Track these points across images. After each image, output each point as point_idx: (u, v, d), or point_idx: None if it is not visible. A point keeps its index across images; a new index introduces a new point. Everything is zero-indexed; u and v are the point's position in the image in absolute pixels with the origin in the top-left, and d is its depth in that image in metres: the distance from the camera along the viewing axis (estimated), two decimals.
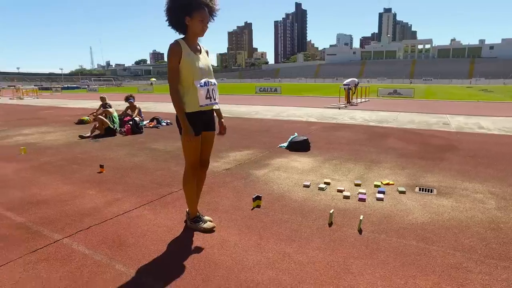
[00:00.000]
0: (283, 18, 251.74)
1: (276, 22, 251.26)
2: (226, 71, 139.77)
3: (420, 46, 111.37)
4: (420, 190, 3.62)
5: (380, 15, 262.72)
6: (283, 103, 16.15)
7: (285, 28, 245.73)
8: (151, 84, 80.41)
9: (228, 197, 3.42)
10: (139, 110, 9.08)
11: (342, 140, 6.47)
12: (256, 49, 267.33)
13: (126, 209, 3.12)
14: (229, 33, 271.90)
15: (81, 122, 9.47)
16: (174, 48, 2.33)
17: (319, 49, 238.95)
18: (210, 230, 2.62)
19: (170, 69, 2.36)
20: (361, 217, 2.69)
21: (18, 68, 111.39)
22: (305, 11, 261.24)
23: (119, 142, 6.59)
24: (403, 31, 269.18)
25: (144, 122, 8.86)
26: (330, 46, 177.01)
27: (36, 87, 31.61)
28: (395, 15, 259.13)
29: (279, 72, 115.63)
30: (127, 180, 4.04)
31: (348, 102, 15.52)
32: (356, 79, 15.96)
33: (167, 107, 14.52)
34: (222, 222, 2.81)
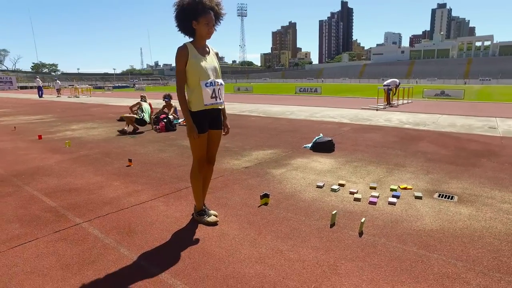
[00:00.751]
0: (328, 17, 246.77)
1: (320, 22, 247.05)
2: (269, 71, 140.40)
3: (478, 43, 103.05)
4: (439, 196, 3.45)
5: (433, 11, 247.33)
6: (320, 104, 15.94)
7: (330, 27, 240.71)
8: None
9: (239, 194, 3.53)
10: (175, 108, 9.51)
11: (369, 142, 6.29)
12: (300, 49, 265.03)
13: (142, 200, 3.36)
14: (273, 33, 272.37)
15: (121, 119, 10.11)
16: (181, 51, 2.47)
17: (365, 48, 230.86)
18: (213, 224, 2.74)
19: (177, 72, 2.51)
20: (363, 220, 2.65)
21: (78, 69, 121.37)
22: (351, 9, 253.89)
23: (152, 138, 7.00)
24: (459, 27, 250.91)
25: (180, 120, 9.26)
26: (377, 45, 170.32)
27: (91, 86, 34.23)
28: (450, 10, 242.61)
29: (322, 72, 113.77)
30: (150, 173, 4.31)
31: (388, 103, 14.92)
32: (397, 80, 15.29)
33: None
34: (226, 217, 2.92)
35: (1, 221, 2.90)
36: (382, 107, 13.89)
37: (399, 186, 3.71)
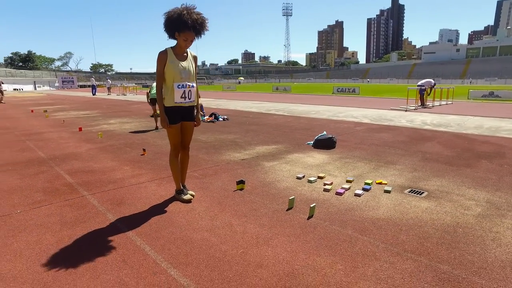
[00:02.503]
0: (377, 15, 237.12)
1: (369, 20, 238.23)
2: (313, 71, 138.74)
3: None
4: (410, 191, 3.62)
5: (499, 3, 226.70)
6: (351, 104, 15.83)
7: (379, 25, 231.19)
8: (239, 82, 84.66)
9: (223, 180, 4.00)
10: (201, 106, 10.20)
11: (375, 141, 6.41)
12: (347, 48, 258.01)
13: (140, 181, 3.96)
14: (319, 32, 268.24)
15: (157, 115, 11.06)
16: (161, 55, 2.98)
17: (417, 47, 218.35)
18: (187, 201, 3.24)
19: (156, 73, 3.03)
20: (312, 205, 2.98)
21: (130, 69, 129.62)
22: (402, 6, 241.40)
23: None
24: None
25: (205, 117, 9.94)
26: (430, 43, 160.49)
27: (139, 85, 36.74)
28: None
29: (368, 72, 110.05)
30: (157, 161, 4.93)
31: (422, 104, 14.43)
32: (432, 80, 14.73)
33: (235, 104, 15.65)
34: (202, 197, 3.40)
35: (30, 191, 3.65)
36: (413, 108, 13.51)
37: (375, 181, 3.92)
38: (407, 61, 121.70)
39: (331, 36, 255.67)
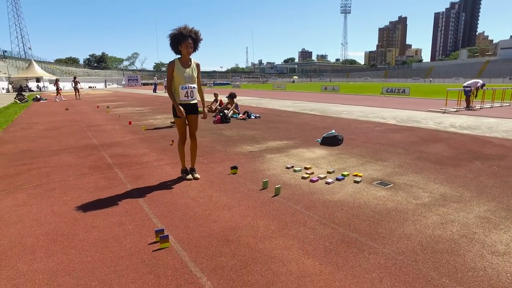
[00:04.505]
0: (446, 9, 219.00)
1: (436, 14, 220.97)
2: (370, 70, 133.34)
3: None
4: (378, 183, 4.15)
5: None
6: (391, 105, 15.68)
7: (448, 20, 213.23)
8: (293, 81, 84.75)
9: (224, 166, 4.87)
10: (236, 104, 11.22)
11: (383, 141, 6.78)
12: (410, 46, 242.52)
13: (160, 164, 5.02)
14: (380, 30, 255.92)
15: None
16: (170, 65, 3.97)
17: (494, 42, 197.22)
18: (188, 180, 4.18)
19: (167, 77, 4.01)
20: (278, 186, 3.71)
21: None
22: None
23: (205, 127, 8.78)
24: None
25: (239, 115, 10.91)
26: (511, 37, 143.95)
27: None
28: None
29: (431, 71, 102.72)
30: None
31: (467, 106, 13.82)
32: (479, 81, 13.96)
33: (275, 103, 16.43)
34: (201, 179, 4.32)
35: (81, 167, 4.90)
36: (454, 110, 13.07)
37: (352, 173, 4.49)
38: (478, 59, 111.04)
39: (393, 33, 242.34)
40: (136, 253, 2.46)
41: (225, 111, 10.26)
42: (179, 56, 3.99)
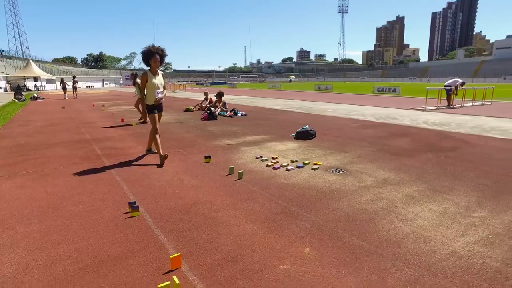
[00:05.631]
0: (443, 9, 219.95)
1: (434, 14, 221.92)
2: (368, 70, 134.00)
3: None
4: (333, 170, 4.72)
5: None
6: (376, 104, 16.27)
7: (445, 19, 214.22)
8: (290, 81, 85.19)
9: (200, 157, 5.44)
10: (224, 103, 11.79)
11: (354, 135, 7.36)
12: (407, 45, 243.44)
13: (140, 152, 5.58)
14: (378, 29, 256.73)
15: (187, 110, 12.92)
16: (143, 76, 4.80)
17: (491, 41, 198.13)
18: (161, 162, 4.80)
19: (141, 85, 4.82)
20: (240, 171, 4.29)
21: (188, 67, 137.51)
22: None
23: (192, 124, 9.35)
24: None
25: (226, 113, 11.48)
26: (507, 37, 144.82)
27: (185, 83, 40.00)
28: None
29: (428, 71, 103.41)
30: (164, 143, 6.54)
31: (448, 104, 14.42)
32: (459, 79, 14.58)
33: (266, 102, 16.97)
34: (178, 165, 4.89)
35: (73, 157, 5.47)
36: (435, 108, 13.67)
37: (312, 162, 5.07)
38: (473, 58, 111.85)
39: (391, 32, 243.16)
40: (111, 220, 3.03)
41: (212, 109, 10.83)
42: (149, 68, 4.90)
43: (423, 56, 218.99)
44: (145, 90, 5.01)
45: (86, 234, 2.77)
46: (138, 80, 10.80)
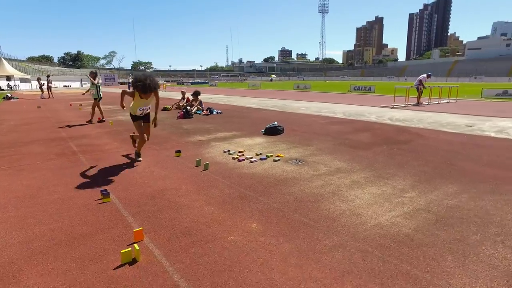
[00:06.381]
0: (420, 10, 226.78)
1: (411, 15, 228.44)
2: (348, 69, 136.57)
3: None
4: (294, 162, 5.18)
5: None
6: (349, 102, 16.96)
7: (422, 20, 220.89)
8: (271, 80, 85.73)
9: (172, 151, 5.79)
10: (200, 101, 12.12)
11: (320, 131, 7.87)
12: (386, 45, 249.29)
13: (119, 151, 5.88)
14: (357, 29, 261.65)
15: (164, 109, 13.15)
16: (133, 92, 4.95)
17: (465, 42, 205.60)
18: (138, 156, 5.11)
19: (127, 92, 4.99)
20: (206, 163, 4.69)
21: (170, 66, 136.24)
22: None
23: (168, 122, 9.65)
24: None
25: (203, 111, 11.81)
26: (479, 38, 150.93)
27: (165, 82, 39.93)
28: None
29: (406, 70, 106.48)
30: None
31: (417, 102, 15.23)
32: (424, 75, 15.45)
33: (242, 101, 17.36)
34: (149, 159, 5.23)
35: (49, 153, 5.71)
36: (403, 105, 14.43)
37: (275, 155, 5.51)
38: (448, 58, 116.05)
39: (370, 32, 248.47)
40: (84, 206, 3.37)
41: (188, 107, 11.14)
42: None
43: (401, 56, 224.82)
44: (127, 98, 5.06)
45: (60, 217, 3.10)
46: (99, 81, 10.70)
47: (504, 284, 2.17)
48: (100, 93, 10.07)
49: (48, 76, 24.57)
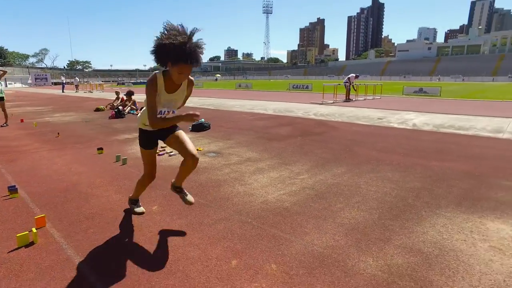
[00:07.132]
0: (357, 13, 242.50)
1: (349, 18, 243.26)
2: (291, 68, 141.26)
3: None
4: (209, 154, 5.62)
5: (473, 3, 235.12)
6: (283, 99, 17.91)
7: (359, 23, 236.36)
8: (216, 79, 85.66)
9: (95, 149, 5.90)
10: (134, 101, 12.07)
11: (245, 126, 8.43)
12: (328, 45, 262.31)
13: (39, 151, 5.85)
14: (301, 30, 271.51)
15: (97, 109, 12.85)
16: (150, 85, 2.48)
17: (396, 44, 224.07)
18: (134, 204, 5.15)
19: (151, 101, 2.54)
20: (124, 157, 4.95)
21: (111, 66, 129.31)
22: (382, 4, 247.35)
23: (100, 122, 9.55)
24: (502, 20, 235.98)
25: (136, 111, 11.77)
26: (407, 41, 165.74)
27: (103, 82, 38.18)
28: (492, 2, 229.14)
29: (345, 69, 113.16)
30: (64, 140, 6.80)
31: (347, 98, 16.62)
32: (353, 74, 16.94)
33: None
34: (69, 157, 5.32)
35: None
36: (332, 102, 15.69)
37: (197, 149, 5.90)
38: (382, 59, 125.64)
39: (313, 33, 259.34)
40: None
41: (120, 107, 11.07)
42: (165, 70, 2.51)
43: (342, 56, 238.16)
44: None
45: None
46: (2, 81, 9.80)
47: (343, 235, 2.82)
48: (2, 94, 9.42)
49: None
